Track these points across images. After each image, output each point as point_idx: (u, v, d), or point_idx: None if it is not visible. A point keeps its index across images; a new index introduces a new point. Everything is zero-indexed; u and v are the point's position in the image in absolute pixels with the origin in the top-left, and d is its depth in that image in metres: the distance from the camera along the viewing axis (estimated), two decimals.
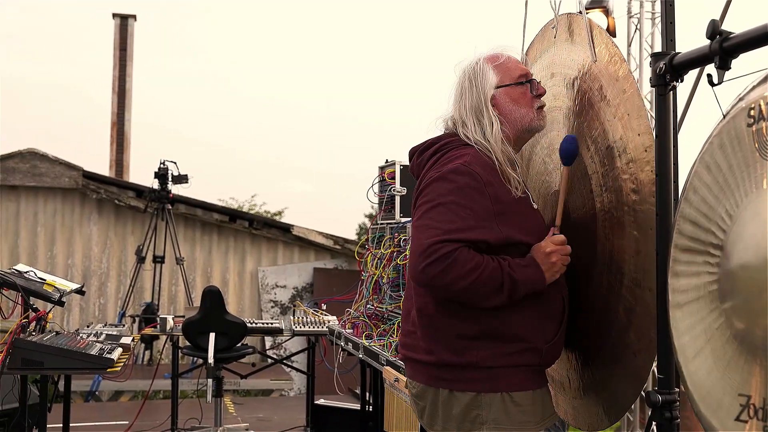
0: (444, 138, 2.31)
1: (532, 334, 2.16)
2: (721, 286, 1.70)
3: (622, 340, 2.20)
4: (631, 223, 2.13)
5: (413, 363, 2.31)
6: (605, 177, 2.22)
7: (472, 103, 2.27)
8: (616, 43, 2.24)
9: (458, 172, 2.11)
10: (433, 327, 2.20)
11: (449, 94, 2.36)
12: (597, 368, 2.33)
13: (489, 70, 2.29)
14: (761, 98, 1.60)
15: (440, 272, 2.00)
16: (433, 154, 2.29)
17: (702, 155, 1.78)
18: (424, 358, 2.23)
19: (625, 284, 2.17)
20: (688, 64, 1.84)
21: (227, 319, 5.63)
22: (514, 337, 2.14)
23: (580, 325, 2.35)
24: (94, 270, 10.51)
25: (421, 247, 2.03)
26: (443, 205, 2.07)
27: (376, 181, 4.65)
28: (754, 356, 1.60)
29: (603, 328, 2.28)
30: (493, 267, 2.05)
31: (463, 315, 2.14)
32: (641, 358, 2.13)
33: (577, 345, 2.40)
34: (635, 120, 2.10)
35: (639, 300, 2.12)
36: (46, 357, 3.79)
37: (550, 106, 2.49)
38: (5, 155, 10.13)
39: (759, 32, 1.63)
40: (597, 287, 2.29)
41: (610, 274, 2.23)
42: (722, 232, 1.70)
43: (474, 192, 2.09)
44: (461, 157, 2.17)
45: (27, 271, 4.53)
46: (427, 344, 2.22)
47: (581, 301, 2.33)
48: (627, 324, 2.18)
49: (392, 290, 4.09)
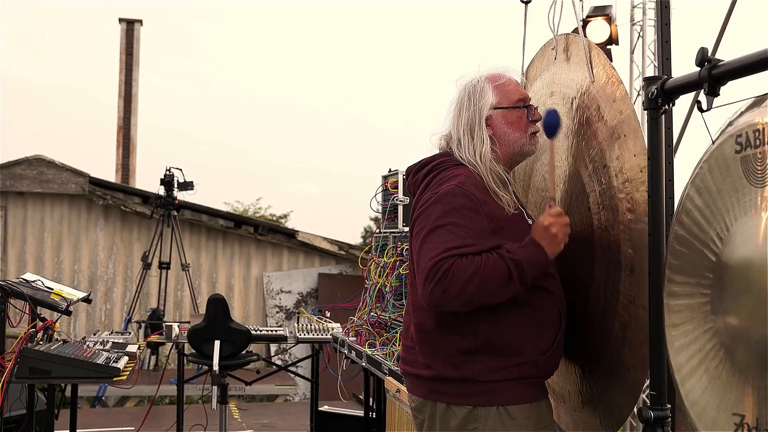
0: (438, 157, 2.35)
1: (528, 346, 2.20)
2: (714, 307, 1.75)
3: (618, 355, 2.25)
4: (626, 241, 2.18)
5: (413, 377, 2.36)
6: (602, 195, 2.27)
7: (468, 120, 2.31)
8: (614, 66, 2.29)
9: (453, 193, 2.16)
10: (430, 342, 2.25)
11: (447, 109, 2.40)
12: (595, 382, 2.38)
13: (489, 89, 2.33)
14: (748, 126, 1.64)
15: (446, 288, 2.04)
16: (427, 173, 2.33)
17: (693, 179, 1.82)
18: (422, 373, 2.28)
19: (620, 301, 2.22)
20: (678, 89, 1.89)
21: (232, 327, 5.68)
22: (510, 351, 2.18)
23: (577, 339, 2.39)
24: (101, 276, 10.57)
25: (424, 271, 2.08)
26: (442, 227, 2.12)
27: (379, 190, 4.70)
28: (746, 376, 1.64)
29: (599, 343, 2.33)
30: (494, 259, 2.08)
31: (460, 330, 2.18)
32: (635, 373, 2.18)
33: (576, 359, 2.45)
34: (631, 141, 2.15)
35: (633, 317, 2.16)
36: (53, 366, 3.84)
37: None
38: (13, 162, 10.21)
39: (747, 61, 1.68)
40: (594, 303, 2.34)
41: (606, 290, 2.28)
42: (714, 255, 1.74)
43: (470, 212, 2.14)
44: (455, 177, 2.21)
45: (35, 280, 4.58)
46: (426, 359, 2.26)
47: (579, 316, 2.38)
48: (622, 339, 2.22)
49: (395, 299, 4.14)
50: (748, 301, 1.62)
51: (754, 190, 1.62)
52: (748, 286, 1.63)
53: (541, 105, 2.56)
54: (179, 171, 9.12)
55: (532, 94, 2.65)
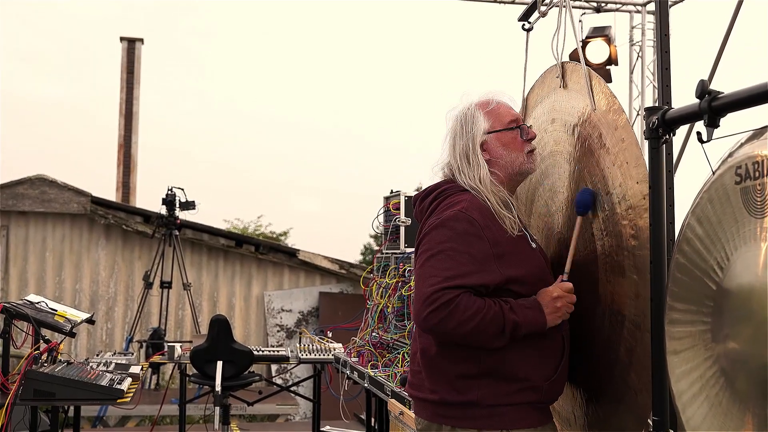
0: (442, 185, 2.40)
1: (531, 372, 2.24)
2: (714, 335, 1.78)
3: (624, 379, 2.27)
4: (630, 267, 2.21)
5: (419, 401, 2.40)
6: (606, 222, 2.30)
7: (463, 148, 2.36)
8: (614, 93, 2.33)
9: (456, 219, 2.21)
10: (435, 367, 2.29)
11: (443, 140, 2.45)
12: (601, 406, 2.40)
13: (480, 116, 2.37)
14: (748, 157, 1.68)
15: (443, 319, 2.09)
16: (433, 200, 2.38)
17: (694, 208, 1.86)
18: (428, 397, 2.32)
19: (626, 326, 2.25)
20: (679, 120, 1.93)
21: (234, 348, 5.70)
22: (513, 376, 2.22)
23: (584, 363, 2.42)
24: (102, 295, 10.59)
25: (423, 296, 2.12)
26: (443, 252, 2.16)
27: (381, 211, 4.73)
28: (746, 404, 1.67)
29: (606, 367, 2.35)
30: (495, 312, 2.13)
31: (463, 356, 2.22)
32: (642, 397, 2.20)
33: (581, 383, 2.48)
34: (633, 168, 2.18)
35: (639, 341, 2.19)
36: (57, 388, 3.87)
37: (551, 151, 2.57)
38: (15, 181, 10.25)
39: (746, 94, 1.71)
40: (599, 327, 2.36)
41: (611, 315, 2.31)
42: (714, 284, 1.77)
43: (472, 237, 2.18)
44: (459, 203, 2.26)
45: (39, 302, 4.61)
46: (431, 384, 2.30)
47: (585, 341, 2.41)
48: (628, 364, 2.25)
49: (397, 320, 4.16)
50: (748, 329, 1.65)
51: (753, 221, 1.65)
52: (748, 314, 1.66)
53: (543, 132, 2.59)
54: (181, 191, 9.16)
55: (533, 120, 2.69)
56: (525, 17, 2.79)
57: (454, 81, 48.33)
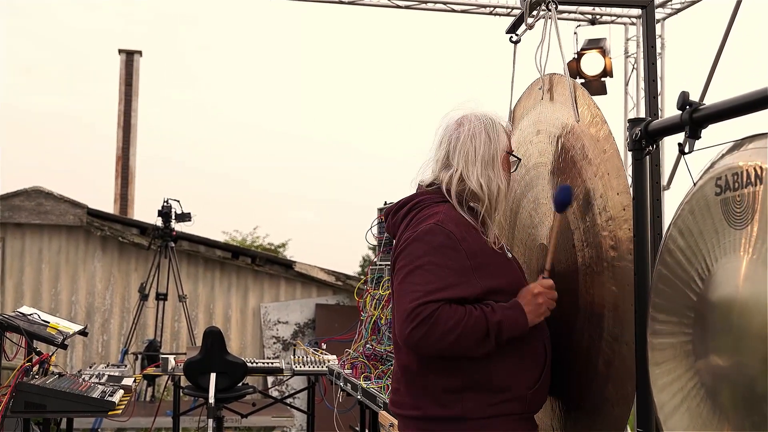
0: (417, 196, 2.36)
1: (515, 382, 2.22)
2: (695, 346, 1.78)
3: (602, 392, 2.27)
4: (609, 279, 2.21)
5: (403, 418, 2.37)
6: (586, 233, 2.31)
7: (486, 156, 2.28)
8: (598, 104, 2.34)
9: (432, 232, 2.18)
10: (417, 383, 2.27)
11: (446, 143, 2.33)
12: (579, 418, 2.40)
13: (502, 131, 2.35)
14: (727, 169, 1.68)
15: (425, 334, 2.07)
16: (407, 213, 2.34)
17: (675, 220, 1.86)
18: (412, 414, 2.30)
19: (604, 338, 2.25)
20: (661, 131, 1.94)
21: (228, 360, 5.69)
22: (497, 387, 2.21)
23: (562, 375, 2.42)
24: (98, 307, 10.57)
25: (404, 312, 2.10)
26: (420, 267, 2.14)
27: (374, 223, 4.73)
28: (726, 417, 1.67)
29: (584, 379, 2.35)
30: (477, 316, 2.11)
31: (446, 370, 2.20)
32: (619, 409, 2.20)
33: (560, 394, 2.47)
34: (615, 179, 2.19)
35: (617, 354, 2.19)
36: (48, 400, 3.86)
37: (536, 162, 2.58)
38: (11, 193, 10.25)
39: (727, 105, 1.72)
40: (579, 339, 2.36)
41: (590, 327, 2.31)
42: (696, 295, 1.78)
43: (449, 250, 2.16)
44: (435, 215, 2.23)
45: (31, 314, 4.60)
46: (414, 400, 2.28)
47: (563, 353, 2.40)
48: (606, 376, 2.25)
49: (390, 331, 4.16)
50: (728, 341, 1.66)
51: (733, 232, 1.66)
52: (728, 326, 1.66)
53: (528, 143, 2.60)
54: (177, 202, 9.16)
55: (519, 132, 2.70)
56: (512, 29, 2.80)
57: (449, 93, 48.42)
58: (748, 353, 1.59)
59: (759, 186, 1.58)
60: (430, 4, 9.15)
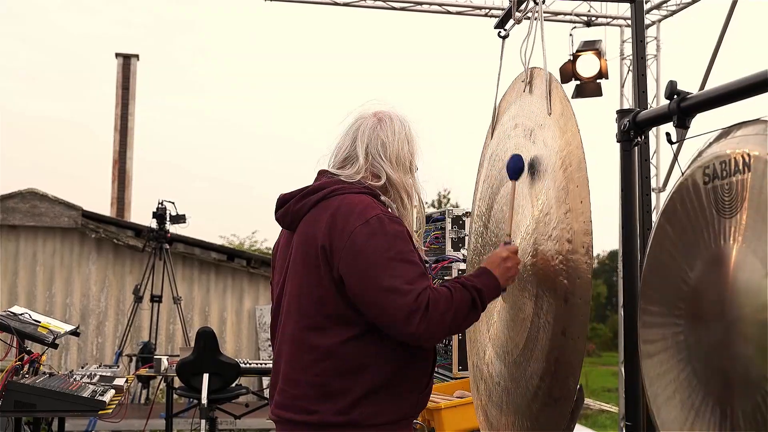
0: (332, 184, 2.23)
1: (408, 385, 2.18)
2: (686, 337, 1.77)
3: (548, 387, 2.24)
4: (562, 272, 2.18)
5: (291, 424, 2.20)
6: (547, 225, 2.29)
7: (405, 155, 2.29)
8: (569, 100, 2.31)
9: (383, 222, 2.11)
10: (316, 384, 2.15)
11: (363, 132, 2.29)
12: (527, 414, 2.37)
13: (415, 139, 2.34)
14: (715, 157, 1.67)
15: (428, 324, 2.01)
16: (317, 201, 2.22)
17: (664, 209, 1.85)
18: (304, 419, 2.16)
19: (554, 332, 2.22)
20: (650, 121, 1.92)
21: (221, 360, 5.67)
22: (394, 392, 2.15)
23: (513, 370, 2.40)
24: (92, 309, 10.54)
25: (403, 311, 2.02)
26: (393, 259, 2.07)
27: None
28: (717, 405, 1.66)
29: (532, 375, 2.33)
30: (459, 289, 2.09)
31: (340, 371, 2.12)
32: (561, 405, 2.17)
33: (509, 391, 2.46)
34: (576, 172, 2.16)
35: (564, 348, 2.16)
36: (38, 399, 3.83)
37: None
38: (5, 195, 10.23)
39: (714, 93, 1.71)
40: (530, 334, 2.34)
41: (540, 320, 2.29)
42: (686, 285, 1.76)
43: (405, 234, 2.14)
44: (371, 206, 2.15)
45: (22, 313, 4.57)
46: (308, 404, 2.15)
47: (515, 347, 2.39)
48: (553, 372, 2.22)
49: None
50: (718, 330, 1.64)
51: (722, 221, 1.64)
52: (719, 316, 1.64)
53: (507, 137, 2.58)
54: (171, 204, 9.12)
55: (501, 127, 2.69)
56: (501, 24, 2.78)
57: (448, 93, 48.44)
58: (740, 341, 1.58)
59: (747, 173, 1.57)
60: (425, 6, 9.14)
